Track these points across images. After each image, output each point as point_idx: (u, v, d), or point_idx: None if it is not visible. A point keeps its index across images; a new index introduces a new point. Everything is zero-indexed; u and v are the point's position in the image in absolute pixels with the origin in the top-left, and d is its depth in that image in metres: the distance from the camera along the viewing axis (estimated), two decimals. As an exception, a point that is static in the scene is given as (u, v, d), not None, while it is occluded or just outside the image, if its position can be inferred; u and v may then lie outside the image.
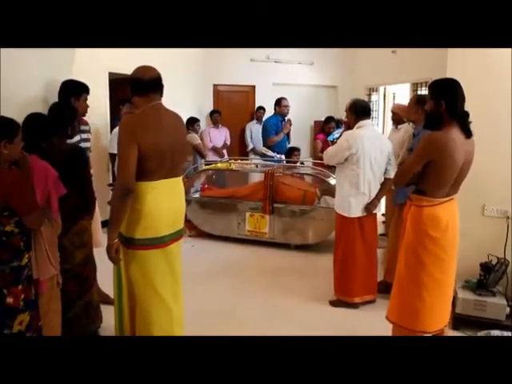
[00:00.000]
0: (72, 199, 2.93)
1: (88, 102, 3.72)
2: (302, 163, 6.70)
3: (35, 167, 2.59)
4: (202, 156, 6.88)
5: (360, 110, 3.84)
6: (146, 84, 2.57)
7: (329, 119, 6.79)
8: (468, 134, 2.65)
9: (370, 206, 3.82)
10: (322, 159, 6.29)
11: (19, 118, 2.62)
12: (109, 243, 2.56)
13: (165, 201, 2.62)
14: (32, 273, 2.57)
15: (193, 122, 6.97)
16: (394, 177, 2.86)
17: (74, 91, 3.53)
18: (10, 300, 2.42)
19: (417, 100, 4.06)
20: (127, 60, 6.33)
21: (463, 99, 2.65)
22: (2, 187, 2.33)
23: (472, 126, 2.67)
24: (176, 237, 2.74)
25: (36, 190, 2.55)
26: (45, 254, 2.62)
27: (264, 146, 6.95)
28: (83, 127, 3.80)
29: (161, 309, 2.70)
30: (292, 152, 6.68)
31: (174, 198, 2.72)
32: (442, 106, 2.65)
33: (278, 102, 6.89)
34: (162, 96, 2.67)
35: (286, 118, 6.89)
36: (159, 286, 2.67)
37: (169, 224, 2.66)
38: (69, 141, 3.28)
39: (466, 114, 2.65)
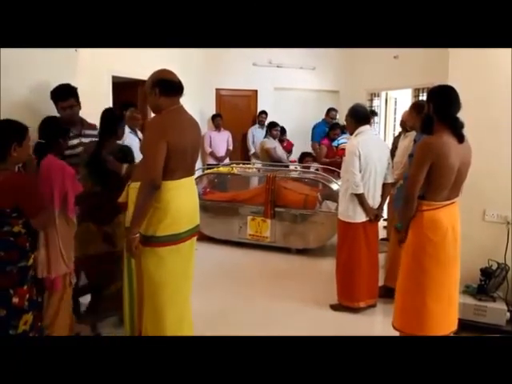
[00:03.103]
0: (117, 194, 3.05)
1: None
2: (308, 167, 6.71)
3: (52, 166, 2.69)
4: (272, 160, 6.87)
5: (360, 116, 3.83)
6: (177, 86, 2.67)
7: (334, 125, 6.82)
8: (460, 138, 2.68)
9: (377, 213, 3.85)
10: (326, 164, 6.37)
11: (24, 121, 2.66)
12: (130, 237, 2.58)
13: (184, 198, 2.71)
14: (37, 272, 2.64)
15: (272, 126, 7.05)
16: (405, 192, 2.85)
17: (60, 96, 3.40)
18: (15, 300, 2.46)
19: (414, 106, 4.09)
20: (131, 64, 6.39)
21: (455, 105, 2.69)
22: (12, 190, 2.40)
23: (470, 131, 2.71)
24: (193, 232, 2.83)
25: (54, 189, 2.65)
26: (58, 252, 2.71)
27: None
28: (88, 131, 3.66)
29: (174, 307, 2.75)
30: (304, 157, 6.70)
31: (192, 195, 2.81)
32: (430, 109, 2.73)
33: (328, 112, 7.50)
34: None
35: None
36: (174, 284, 2.73)
37: (188, 220, 2.75)
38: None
39: (456, 119, 2.68)
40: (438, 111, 2.71)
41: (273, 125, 7.07)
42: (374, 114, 7.71)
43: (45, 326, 2.79)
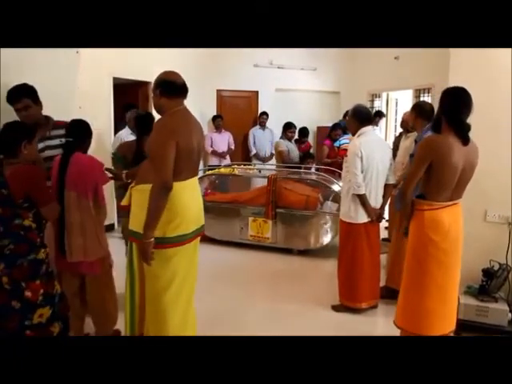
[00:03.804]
0: None
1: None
2: (309, 168, 6.69)
3: (82, 161, 3.01)
4: (284, 162, 6.78)
5: (362, 117, 3.82)
6: (179, 88, 2.67)
7: (336, 126, 6.77)
8: (464, 140, 2.69)
9: (379, 214, 3.85)
10: (328, 165, 6.37)
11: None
12: (146, 242, 2.56)
13: (191, 198, 2.74)
14: (73, 257, 2.93)
15: (287, 128, 6.92)
16: (402, 186, 2.89)
17: (12, 97, 3.18)
18: (28, 294, 2.57)
19: (415, 107, 4.10)
20: (132, 65, 6.40)
21: (463, 107, 2.71)
22: (24, 180, 2.58)
23: (471, 131, 2.73)
24: (198, 232, 2.84)
25: (86, 181, 2.95)
26: (95, 237, 3.01)
27: None
28: (54, 132, 3.33)
29: (177, 309, 2.76)
30: (305, 159, 6.66)
31: (197, 195, 2.84)
32: (440, 110, 2.78)
33: (346, 114, 7.48)
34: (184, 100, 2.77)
35: None
36: (178, 285, 2.73)
37: (195, 220, 2.77)
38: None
39: (461, 122, 2.70)
40: (445, 112, 2.74)
41: (288, 126, 6.95)
42: (381, 115, 7.69)
43: (89, 312, 3.18)
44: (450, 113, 2.72)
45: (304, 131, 7.54)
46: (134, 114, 5.46)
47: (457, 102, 2.72)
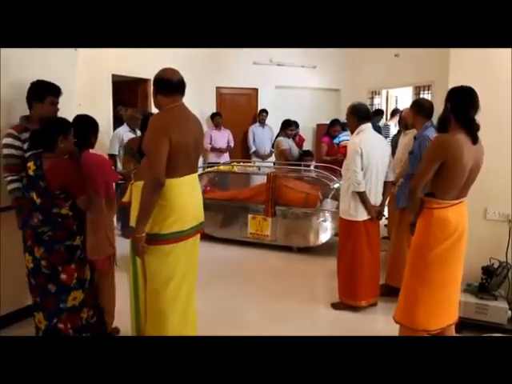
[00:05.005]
0: None
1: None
2: (308, 166, 6.67)
3: (94, 160, 3.07)
4: (286, 160, 6.69)
5: (361, 114, 3.83)
6: (175, 85, 2.69)
7: (334, 122, 6.71)
8: (474, 139, 2.69)
9: (379, 211, 3.86)
10: (327, 162, 6.34)
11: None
12: (137, 236, 2.60)
13: (188, 195, 2.74)
14: (87, 254, 2.97)
15: (286, 126, 6.80)
16: (411, 185, 2.88)
17: (37, 94, 3.20)
18: (63, 276, 2.85)
19: (414, 105, 4.10)
20: (131, 62, 6.38)
21: (472, 106, 2.70)
22: (60, 174, 2.80)
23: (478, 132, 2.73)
24: (197, 229, 2.85)
25: (97, 180, 2.98)
26: (105, 235, 3.05)
27: None
28: None
29: (176, 307, 2.76)
30: (302, 158, 6.65)
31: (195, 192, 2.85)
32: (447, 109, 2.76)
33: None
34: (182, 97, 2.77)
35: None
36: (177, 282, 2.74)
37: (192, 217, 2.78)
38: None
39: (472, 121, 2.70)
40: (454, 111, 2.73)
41: (287, 124, 6.83)
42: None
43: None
44: (460, 112, 2.71)
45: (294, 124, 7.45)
46: (132, 113, 5.50)
47: (466, 102, 2.72)
